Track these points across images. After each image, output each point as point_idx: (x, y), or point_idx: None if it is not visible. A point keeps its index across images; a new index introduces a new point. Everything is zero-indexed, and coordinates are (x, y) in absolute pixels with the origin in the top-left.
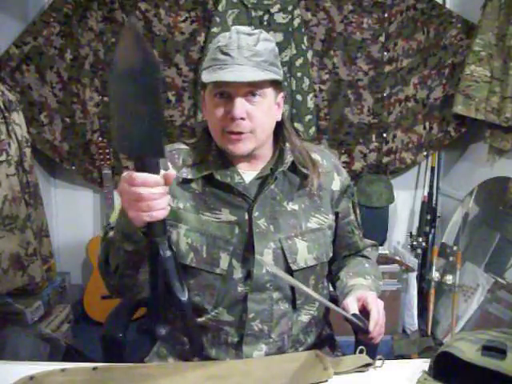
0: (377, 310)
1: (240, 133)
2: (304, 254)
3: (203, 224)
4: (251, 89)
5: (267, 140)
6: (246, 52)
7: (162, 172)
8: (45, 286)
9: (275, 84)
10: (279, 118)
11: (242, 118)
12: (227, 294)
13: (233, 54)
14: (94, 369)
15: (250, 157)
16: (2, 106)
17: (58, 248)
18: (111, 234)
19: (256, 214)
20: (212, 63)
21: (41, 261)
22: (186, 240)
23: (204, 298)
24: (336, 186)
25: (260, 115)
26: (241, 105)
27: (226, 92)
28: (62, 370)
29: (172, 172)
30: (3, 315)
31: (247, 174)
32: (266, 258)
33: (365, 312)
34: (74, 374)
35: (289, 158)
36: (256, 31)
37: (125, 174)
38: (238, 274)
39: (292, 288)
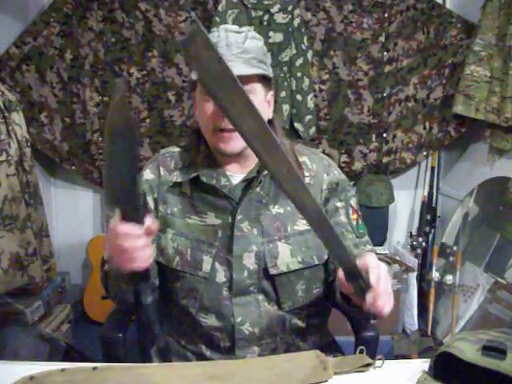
0: (376, 263)
1: (231, 130)
2: (285, 257)
3: (189, 228)
4: None
5: None
6: (234, 49)
7: (146, 223)
8: (45, 286)
9: (264, 81)
10: (270, 116)
11: None
12: (214, 300)
13: (222, 51)
14: (94, 369)
15: (239, 158)
16: (2, 106)
17: (58, 248)
18: (107, 266)
19: (239, 216)
20: None
21: (41, 261)
22: (173, 244)
23: (189, 302)
24: (324, 185)
25: None
26: None
27: None
28: (62, 370)
29: (153, 225)
30: (3, 315)
31: (235, 176)
32: (246, 261)
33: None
34: (73, 374)
35: None
36: (244, 29)
37: (111, 224)
38: (221, 277)
39: (276, 290)
